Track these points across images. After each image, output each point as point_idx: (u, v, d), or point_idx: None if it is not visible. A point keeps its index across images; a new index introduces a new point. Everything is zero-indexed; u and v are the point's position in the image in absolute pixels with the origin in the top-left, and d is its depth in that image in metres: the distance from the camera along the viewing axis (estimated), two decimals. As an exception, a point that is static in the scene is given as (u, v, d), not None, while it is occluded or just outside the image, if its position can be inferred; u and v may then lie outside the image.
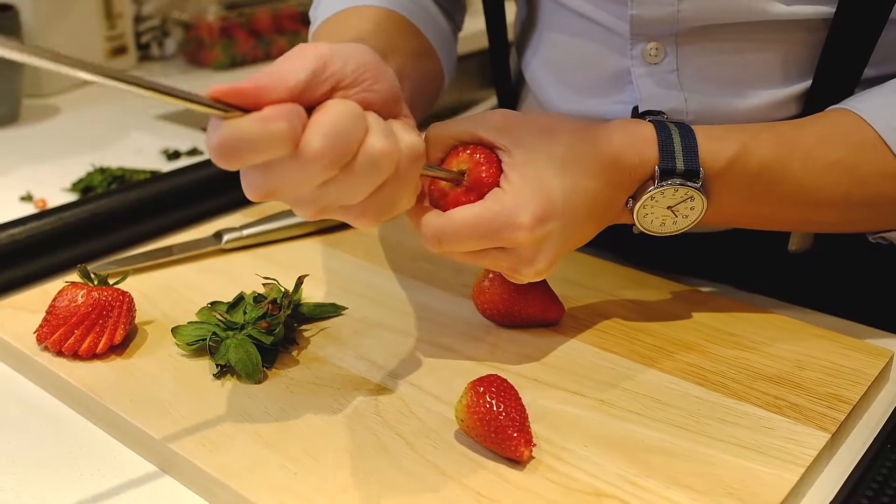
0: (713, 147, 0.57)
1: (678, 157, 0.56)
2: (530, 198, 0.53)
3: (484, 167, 0.54)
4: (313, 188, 0.45)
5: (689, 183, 0.56)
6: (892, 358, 0.59)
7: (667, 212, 0.57)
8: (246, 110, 0.43)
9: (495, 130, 0.55)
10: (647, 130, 0.57)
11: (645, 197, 0.56)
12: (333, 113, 0.44)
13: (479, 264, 0.56)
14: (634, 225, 0.58)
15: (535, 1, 0.75)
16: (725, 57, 0.65)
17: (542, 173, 0.53)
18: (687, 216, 0.58)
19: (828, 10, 0.61)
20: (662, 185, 0.56)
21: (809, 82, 0.64)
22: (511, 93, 0.84)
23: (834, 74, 0.63)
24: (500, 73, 0.84)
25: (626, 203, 0.57)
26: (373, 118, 0.47)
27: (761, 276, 0.70)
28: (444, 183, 0.55)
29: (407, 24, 0.72)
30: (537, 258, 0.54)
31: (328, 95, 0.46)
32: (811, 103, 0.64)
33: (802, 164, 0.58)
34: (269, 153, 0.43)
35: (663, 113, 0.62)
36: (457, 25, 0.82)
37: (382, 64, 0.50)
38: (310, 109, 0.45)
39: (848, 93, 0.63)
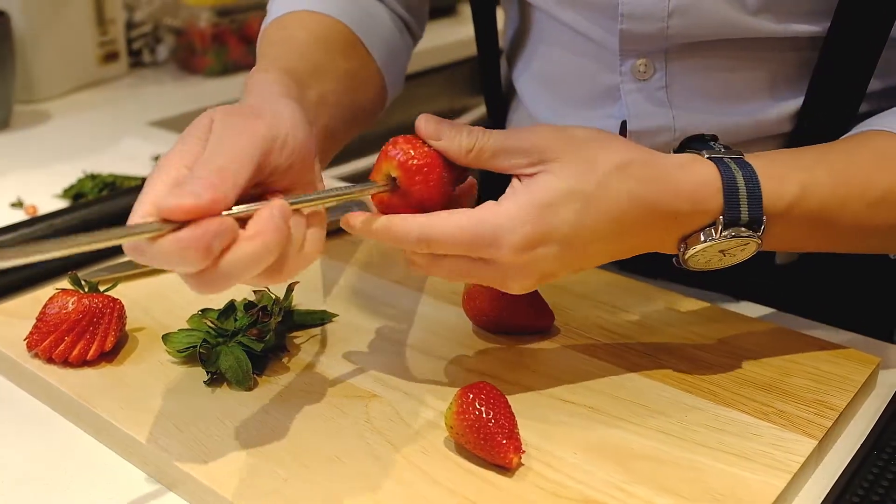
0: (775, 190, 0.53)
1: (743, 206, 0.52)
2: (528, 221, 0.50)
3: (416, 170, 0.52)
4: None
5: (750, 232, 0.53)
6: (878, 365, 0.59)
7: (718, 254, 0.54)
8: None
9: (524, 149, 0.52)
10: (710, 173, 0.53)
11: (701, 245, 0.53)
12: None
13: (465, 279, 0.54)
14: (676, 258, 0.55)
15: (528, 12, 0.76)
16: (715, 74, 0.65)
17: (552, 203, 0.50)
18: (735, 255, 0.55)
19: (818, 28, 0.61)
20: (723, 237, 0.52)
21: (800, 101, 0.64)
22: (501, 102, 0.84)
23: (829, 93, 0.63)
24: (489, 82, 0.84)
25: (679, 247, 0.54)
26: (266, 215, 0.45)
27: (749, 283, 0.71)
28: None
29: (348, 37, 0.70)
30: (519, 278, 0.52)
31: (262, 183, 0.48)
32: (805, 122, 0.65)
33: (860, 197, 0.55)
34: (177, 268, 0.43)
35: (709, 137, 0.58)
36: (414, 38, 0.81)
37: (309, 142, 0.51)
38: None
39: (846, 111, 0.63)
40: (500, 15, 0.82)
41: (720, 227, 0.52)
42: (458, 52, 1.61)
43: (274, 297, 0.62)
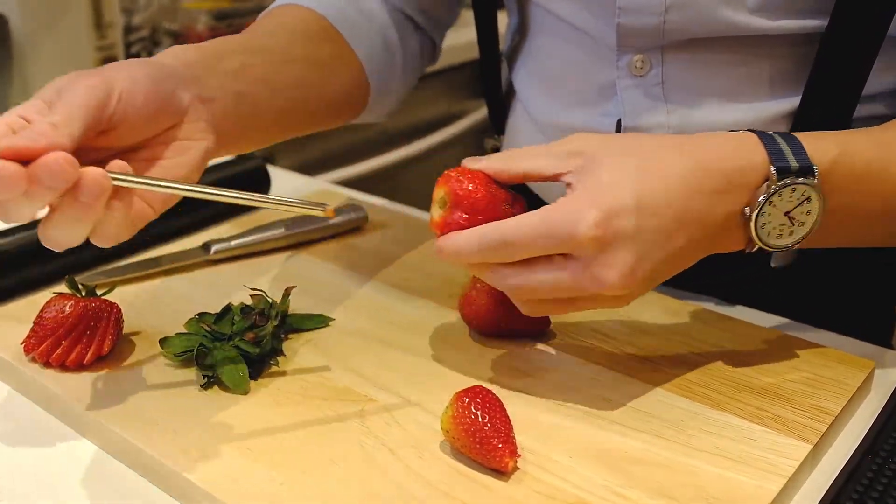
0: (817, 146, 0.54)
1: (788, 155, 0.53)
2: (594, 198, 0.50)
3: (467, 185, 0.54)
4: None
5: (806, 180, 0.52)
6: (873, 369, 0.59)
7: (784, 219, 0.54)
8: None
9: (565, 156, 0.52)
10: (748, 135, 0.54)
11: (763, 202, 0.52)
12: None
13: (553, 293, 0.52)
14: (750, 243, 0.54)
15: (526, 10, 0.76)
16: (711, 71, 0.66)
17: (609, 181, 0.51)
18: (804, 223, 0.54)
19: (815, 24, 0.61)
20: (780, 186, 0.52)
21: (797, 100, 0.64)
22: (501, 104, 0.85)
23: (825, 92, 0.63)
24: (490, 84, 0.84)
25: (743, 214, 0.53)
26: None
27: (744, 288, 0.71)
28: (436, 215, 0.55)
29: (325, 29, 0.72)
30: (605, 268, 0.50)
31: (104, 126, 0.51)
32: (802, 121, 0.65)
33: None
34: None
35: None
36: (428, 38, 0.82)
37: (153, 100, 0.53)
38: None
39: (843, 109, 0.63)
40: (501, 19, 0.82)
41: (774, 178, 0.52)
42: (457, 56, 1.62)
43: (270, 301, 0.63)
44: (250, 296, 0.64)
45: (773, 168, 0.52)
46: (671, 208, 0.51)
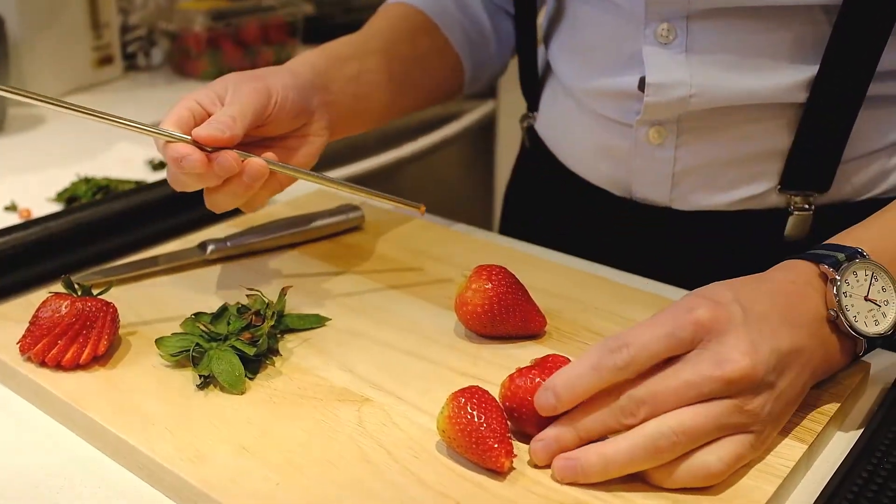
0: (846, 239, 0.56)
1: (829, 251, 0.55)
2: (699, 301, 0.50)
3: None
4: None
5: (859, 261, 0.54)
6: (868, 370, 0.60)
7: (868, 304, 0.54)
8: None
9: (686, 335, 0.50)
10: (790, 263, 0.56)
11: (836, 295, 0.53)
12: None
13: (719, 427, 0.49)
14: (856, 339, 0.54)
15: None
16: (733, 40, 0.68)
17: (738, 332, 0.49)
18: (888, 301, 0.55)
19: None
20: (842, 272, 0.53)
21: (815, 70, 0.66)
22: (535, 82, 0.89)
23: (841, 64, 0.65)
24: (526, 63, 0.88)
25: (830, 315, 0.53)
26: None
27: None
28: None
29: (425, 26, 0.85)
30: (726, 349, 0.48)
31: (261, 126, 0.66)
32: (818, 92, 0.67)
33: None
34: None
35: None
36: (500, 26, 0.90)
37: (301, 103, 0.68)
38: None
39: (858, 83, 0.65)
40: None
41: (829, 272, 0.53)
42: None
43: (267, 301, 0.63)
44: (246, 296, 0.64)
45: (823, 266, 0.54)
46: (769, 300, 0.52)
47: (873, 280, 0.54)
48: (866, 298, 0.54)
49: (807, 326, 0.53)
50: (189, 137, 0.60)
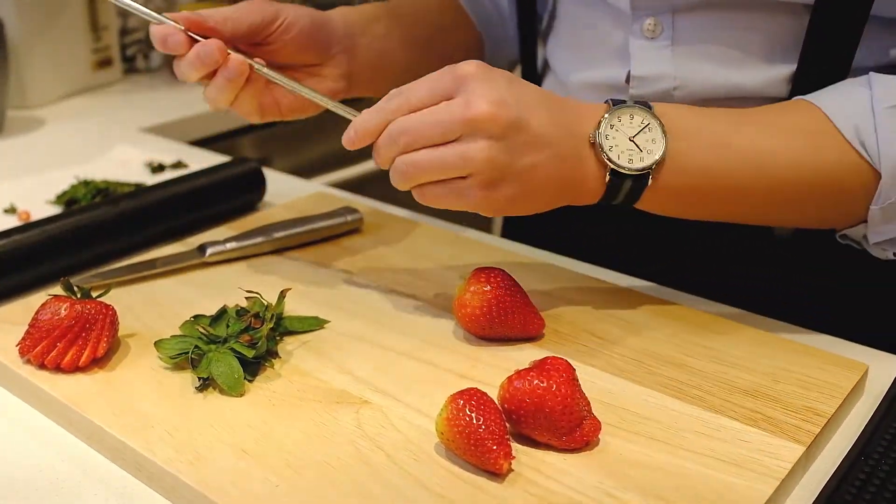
0: (665, 108, 0.61)
1: (628, 101, 0.60)
2: (482, 93, 0.56)
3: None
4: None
5: (639, 106, 0.59)
6: (866, 371, 0.60)
7: (630, 144, 0.59)
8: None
9: (459, 78, 0.58)
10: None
11: (604, 124, 0.59)
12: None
13: (444, 167, 0.57)
14: (603, 163, 0.59)
15: None
16: (717, 35, 0.69)
17: (491, 85, 0.57)
18: (651, 152, 0.59)
19: None
20: (616, 108, 0.59)
21: (794, 66, 0.68)
22: (536, 78, 0.90)
23: (818, 60, 0.66)
24: (527, 60, 0.90)
25: (590, 138, 0.59)
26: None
27: (740, 289, 0.71)
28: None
29: (453, 2, 0.90)
30: (476, 98, 0.56)
31: (265, 37, 0.71)
32: (800, 85, 0.68)
33: (758, 127, 0.61)
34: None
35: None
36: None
37: (311, 21, 0.72)
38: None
39: (838, 77, 0.66)
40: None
41: (611, 105, 0.60)
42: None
43: (266, 303, 0.63)
44: (245, 298, 0.64)
45: (609, 101, 0.60)
46: (537, 100, 0.58)
47: (646, 129, 0.59)
48: (631, 139, 0.59)
49: (567, 129, 0.59)
50: (181, 26, 0.67)
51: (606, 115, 0.59)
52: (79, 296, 0.61)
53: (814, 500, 0.50)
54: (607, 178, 0.59)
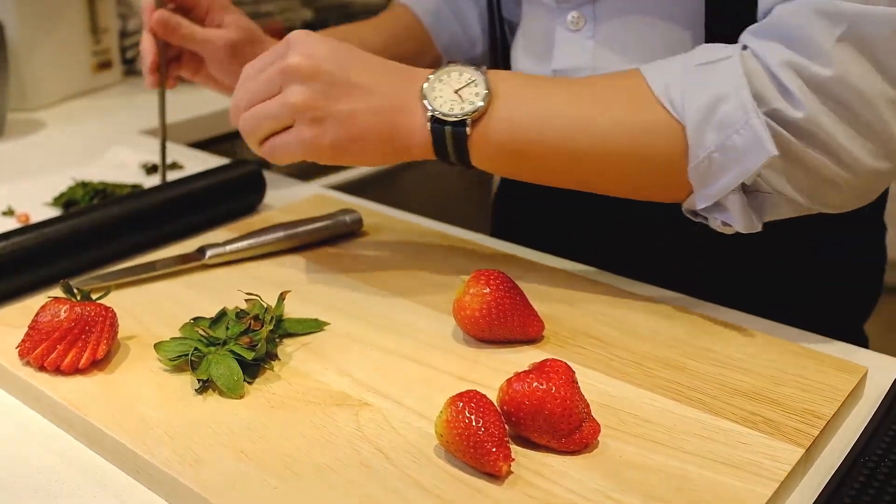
0: (498, 73, 0.66)
1: (461, 63, 0.66)
2: (300, 48, 0.64)
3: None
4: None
5: (470, 67, 0.65)
6: (865, 374, 0.60)
7: (454, 96, 0.64)
8: None
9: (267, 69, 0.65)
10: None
11: (433, 77, 0.64)
12: None
13: (269, 114, 0.65)
14: (426, 110, 0.64)
15: None
16: (635, 28, 0.72)
17: (310, 41, 0.64)
18: (472, 102, 0.63)
19: None
20: (446, 65, 0.65)
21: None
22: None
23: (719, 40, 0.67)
24: (497, 59, 0.93)
25: (420, 89, 0.64)
26: None
27: (738, 291, 0.71)
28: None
29: (413, 29, 0.93)
30: (306, 87, 0.62)
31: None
32: None
33: (581, 90, 0.65)
34: None
35: None
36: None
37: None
38: None
39: None
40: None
41: (444, 63, 0.67)
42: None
43: (265, 305, 0.63)
44: (245, 300, 0.64)
45: (444, 57, 0.68)
46: (360, 65, 0.65)
47: (472, 85, 0.64)
48: (456, 91, 0.64)
49: (395, 82, 0.65)
50: None
51: (436, 71, 0.65)
52: (78, 298, 0.61)
53: (813, 502, 0.50)
54: (429, 125, 0.64)
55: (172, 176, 1.02)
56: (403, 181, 1.71)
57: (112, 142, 1.16)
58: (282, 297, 0.64)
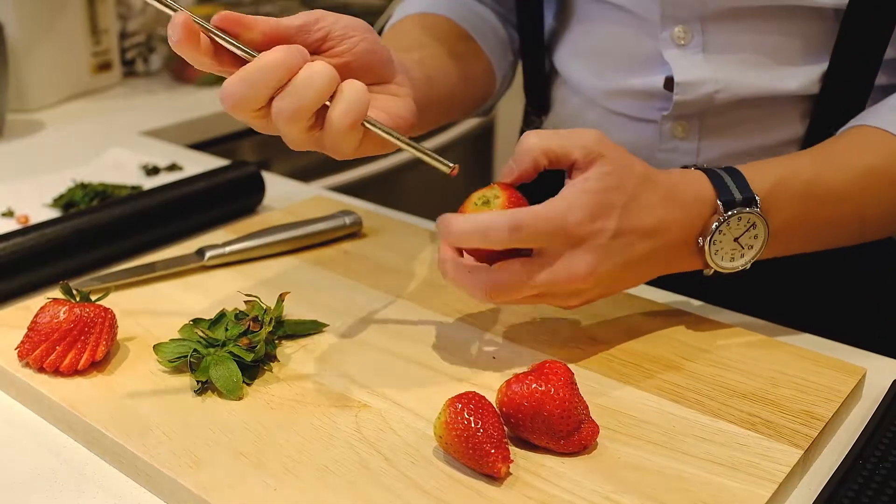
0: (758, 175, 0.61)
1: (731, 187, 0.60)
2: (587, 201, 0.56)
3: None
4: (266, 93, 0.54)
5: (750, 210, 0.60)
6: (864, 375, 0.60)
7: (734, 245, 0.61)
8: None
9: (583, 148, 0.57)
10: (696, 172, 0.61)
11: (713, 231, 0.60)
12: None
13: (523, 289, 0.57)
14: (706, 266, 0.62)
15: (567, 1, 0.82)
16: (747, 39, 0.71)
17: (605, 190, 0.56)
18: (752, 246, 0.62)
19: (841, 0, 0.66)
20: (728, 217, 0.59)
21: (825, 65, 0.69)
22: (541, 86, 0.89)
23: (849, 60, 0.68)
24: (531, 69, 0.89)
25: (698, 242, 0.60)
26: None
27: (736, 293, 0.71)
28: None
29: (456, 29, 0.82)
30: (579, 259, 0.56)
31: (319, 43, 0.57)
32: (831, 83, 0.70)
33: (843, 175, 0.63)
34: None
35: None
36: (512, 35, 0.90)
37: (371, 31, 0.59)
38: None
39: (868, 74, 0.68)
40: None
41: (721, 210, 0.59)
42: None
43: (265, 307, 0.63)
44: (244, 301, 0.64)
45: (719, 201, 0.60)
46: (644, 224, 0.58)
47: (751, 228, 0.61)
48: (735, 240, 0.61)
49: (670, 250, 0.60)
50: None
51: (716, 225, 0.60)
52: (78, 299, 0.61)
53: (811, 503, 0.50)
54: (710, 272, 0.63)
55: (172, 177, 1.02)
56: (403, 183, 1.71)
57: (112, 143, 1.16)
58: (281, 299, 0.64)
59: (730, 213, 0.59)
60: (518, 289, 0.57)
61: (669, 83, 0.73)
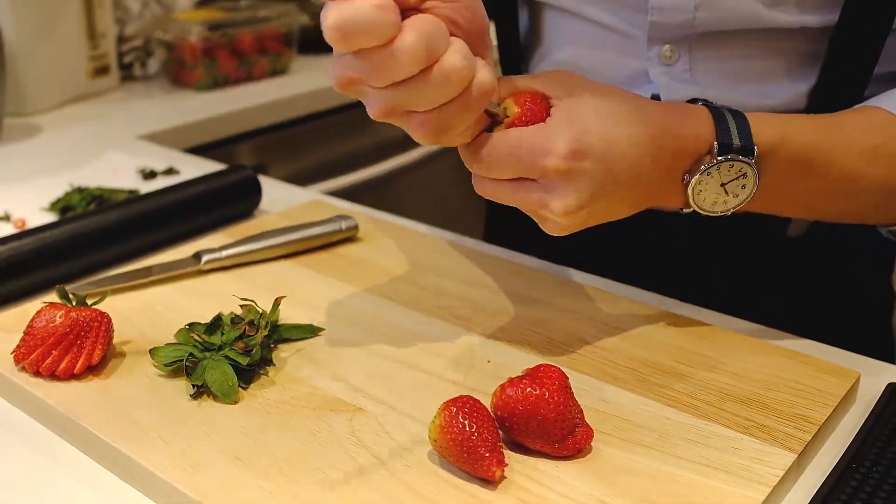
0: (762, 127, 0.59)
1: (734, 135, 0.58)
2: (568, 132, 0.54)
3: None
4: (390, 84, 0.50)
5: (744, 158, 0.58)
6: (858, 379, 0.60)
7: (720, 190, 0.59)
8: None
9: (553, 83, 0.57)
10: (702, 109, 0.59)
11: (702, 172, 0.58)
12: (425, 21, 0.49)
13: (511, 200, 0.57)
14: (686, 205, 0.60)
15: (540, 12, 0.80)
16: (734, 60, 0.70)
17: (585, 117, 0.55)
18: (737, 195, 0.59)
19: (828, 20, 0.66)
20: (720, 161, 0.57)
21: (814, 81, 0.69)
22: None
23: (837, 78, 0.68)
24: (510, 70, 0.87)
25: (683, 178, 0.59)
26: (457, 40, 0.51)
27: (731, 297, 0.72)
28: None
29: None
30: (568, 193, 0.54)
31: (419, 4, 0.50)
32: (818, 99, 0.69)
33: (844, 149, 0.61)
34: (374, 38, 0.47)
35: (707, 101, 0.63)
36: None
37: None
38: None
39: (854, 93, 0.68)
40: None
41: (715, 152, 0.57)
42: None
43: (261, 311, 0.63)
44: (240, 306, 0.64)
45: (716, 143, 0.57)
46: (626, 159, 0.56)
47: (741, 177, 0.59)
48: (722, 185, 0.59)
49: (655, 165, 0.57)
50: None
51: (705, 166, 0.58)
52: (74, 303, 0.61)
53: (805, 507, 0.50)
54: (688, 210, 0.61)
55: (169, 181, 1.03)
56: (399, 187, 1.72)
57: (109, 147, 1.16)
58: (277, 303, 0.64)
59: (723, 158, 0.57)
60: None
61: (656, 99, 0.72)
